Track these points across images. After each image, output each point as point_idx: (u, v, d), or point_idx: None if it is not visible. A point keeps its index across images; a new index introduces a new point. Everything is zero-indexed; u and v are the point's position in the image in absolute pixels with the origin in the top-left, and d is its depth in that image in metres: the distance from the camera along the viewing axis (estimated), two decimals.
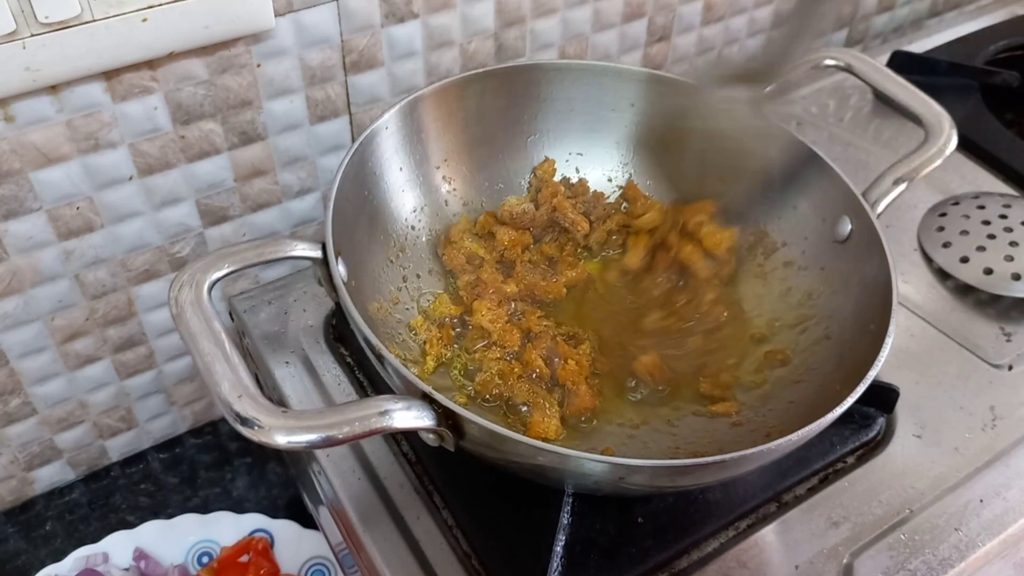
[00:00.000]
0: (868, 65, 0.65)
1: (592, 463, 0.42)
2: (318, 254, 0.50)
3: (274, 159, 0.67)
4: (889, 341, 0.48)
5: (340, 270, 0.50)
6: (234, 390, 0.40)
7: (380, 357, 0.45)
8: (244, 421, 0.39)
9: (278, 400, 0.61)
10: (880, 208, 0.58)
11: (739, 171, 0.60)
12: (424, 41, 0.68)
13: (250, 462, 0.77)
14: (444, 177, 0.64)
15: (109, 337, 0.68)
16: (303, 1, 0.60)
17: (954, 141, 0.60)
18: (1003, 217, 0.71)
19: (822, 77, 0.88)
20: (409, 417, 0.42)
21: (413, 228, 0.63)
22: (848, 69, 0.66)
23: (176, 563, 0.68)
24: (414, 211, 0.63)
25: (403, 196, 0.62)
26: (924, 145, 0.60)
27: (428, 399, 0.43)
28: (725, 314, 0.60)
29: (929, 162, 0.59)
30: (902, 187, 0.59)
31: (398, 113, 0.59)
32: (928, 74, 0.84)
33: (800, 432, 0.43)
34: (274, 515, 0.70)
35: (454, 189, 0.65)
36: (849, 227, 0.57)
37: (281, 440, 0.39)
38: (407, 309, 0.59)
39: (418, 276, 0.61)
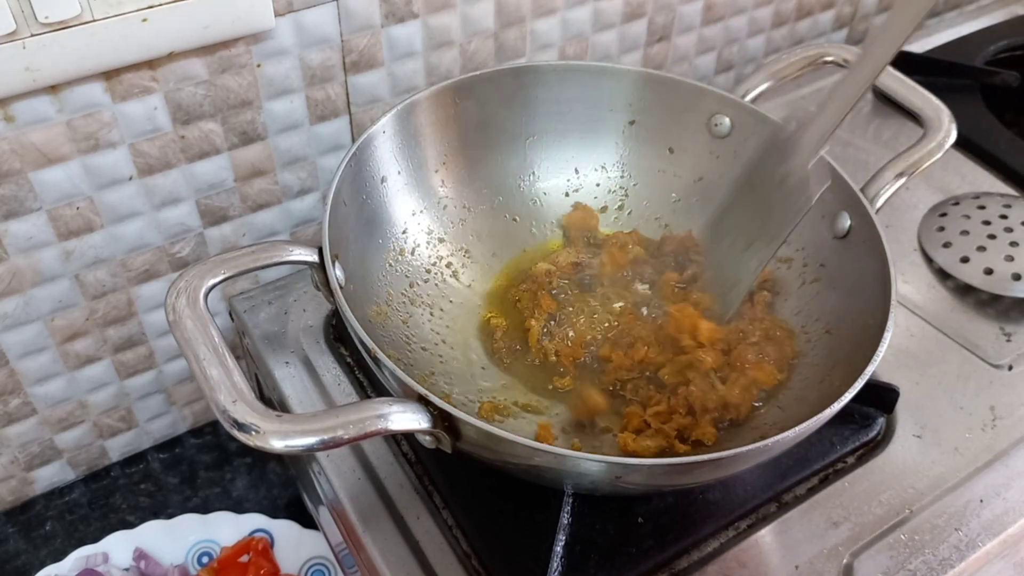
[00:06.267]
0: None
1: (588, 463, 0.42)
2: (315, 258, 0.50)
3: (274, 159, 0.67)
4: (888, 336, 0.48)
5: (337, 274, 0.50)
6: (229, 395, 0.40)
7: (376, 360, 0.45)
8: (240, 426, 0.39)
9: (278, 400, 0.61)
10: (879, 203, 0.58)
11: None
12: (424, 41, 0.68)
13: (250, 462, 0.77)
14: (442, 180, 0.64)
15: (109, 337, 0.68)
16: (303, 1, 0.60)
17: (953, 135, 0.60)
18: (1003, 217, 0.71)
19: (822, 77, 0.88)
20: (405, 419, 0.42)
21: (412, 231, 0.63)
22: (845, 65, 0.66)
23: (176, 563, 0.68)
24: (413, 214, 0.63)
25: (402, 200, 0.62)
26: (923, 140, 0.60)
27: (424, 401, 0.43)
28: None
29: (928, 156, 0.59)
30: (901, 182, 0.59)
31: (395, 117, 0.59)
32: (928, 74, 0.84)
33: (797, 429, 0.43)
34: (274, 515, 0.70)
35: (452, 192, 0.65)
36: (848, 223, 0.57)
37: (277, 444, 0.39)
38: (408, 311, 0.60)
39: (418, 281, 0.62)
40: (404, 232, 0.62)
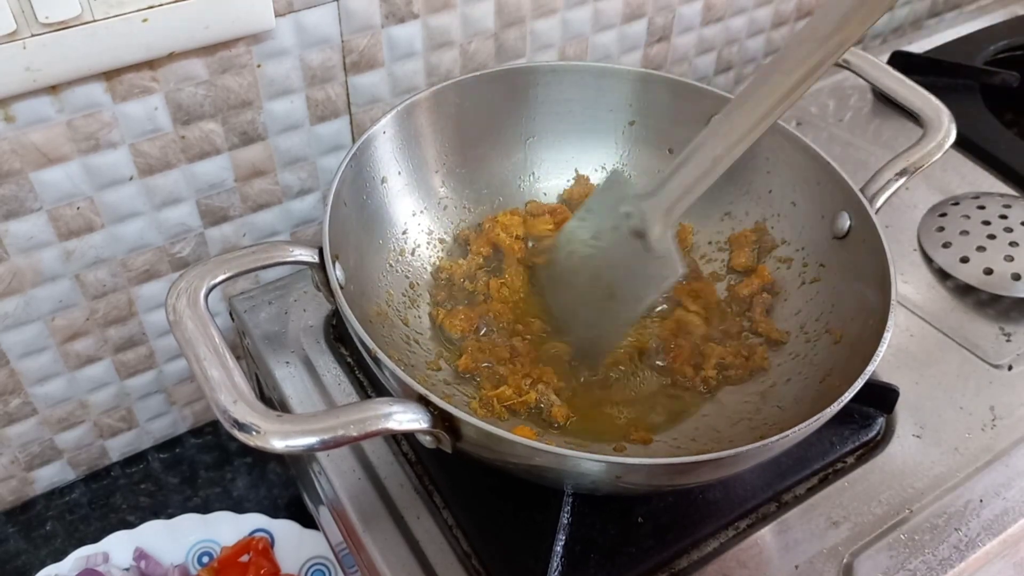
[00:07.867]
0: (865, 61, 0.65)
1: (589, 463, 0.42)
2: (315, 259, 0.50)
3: (274, 159, 0.67)
4: (888, 336, 0.48)
5: (337, 274, 0.50)
6: (230, 395, 0.40)
7: (376, 360, 0.45)
8: (241, 426, 0.39)
9: (278, 400, 0.61)
10: (879, 203, 0.58)
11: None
12: (424, 41, 0.68)
13: (250, 462, 0.77)
14: (443, 181, 0.64)
15: (109, 337, 0.68)
16: (303, 1, 0.60)
17: (953, 135, 0.60)
18: (1003, 217, 0.71)
19: (821, 77, 0.88)
20: (405, 420, 0.42)
21: (412, 232, 0.63)
22: (845, 65, 0.66)
23: (176, 563, 0.68)
24: (413, 215, 0.63)
25: (402, 200, 0.62)
26: (923, 140, 0.60)
27: (424, 401, 0.43)
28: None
29: (928, 157, 0.59)
30: (901, 182, 0.58)
31: (395, 117, 0.59)
32: (928, 74, 0.84)
33: (797, 429, 0.43)
34: (274, 515, 0.70)
35: (453, 193, 0.65)
36: (848, 223, 0.57)
37: (278, 444, 0.39)
38: (408, 311, 0.60)
39: (418, 281, 0.62)
40: (404, 232, 0.62)
